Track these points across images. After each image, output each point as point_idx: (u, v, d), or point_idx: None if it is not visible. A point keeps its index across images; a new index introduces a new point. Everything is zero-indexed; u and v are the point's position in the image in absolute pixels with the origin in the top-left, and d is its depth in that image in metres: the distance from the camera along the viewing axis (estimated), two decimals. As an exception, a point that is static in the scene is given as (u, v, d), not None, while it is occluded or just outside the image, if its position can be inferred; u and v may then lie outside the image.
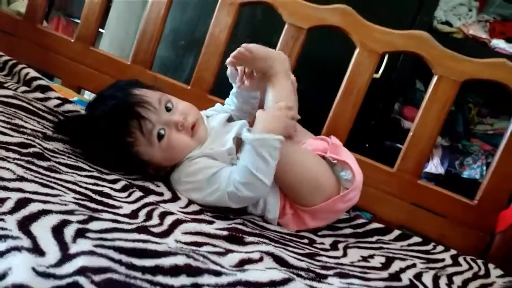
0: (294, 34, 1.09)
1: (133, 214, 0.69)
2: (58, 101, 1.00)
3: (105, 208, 0.67)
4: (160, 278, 0.53)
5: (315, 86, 1.27)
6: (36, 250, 0.49)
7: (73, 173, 0.75)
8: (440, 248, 0.98)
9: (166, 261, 0.56)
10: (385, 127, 1.61)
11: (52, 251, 0.50)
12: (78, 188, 0.70)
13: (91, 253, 0.51)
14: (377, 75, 1.53)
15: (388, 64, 1.50)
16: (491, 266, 0.94)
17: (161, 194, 0.82)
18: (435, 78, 1.00)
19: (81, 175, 0.76)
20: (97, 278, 0.47)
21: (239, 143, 0.85)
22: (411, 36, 1.02)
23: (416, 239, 0.99)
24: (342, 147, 0.91)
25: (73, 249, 0.51)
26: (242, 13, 1.18)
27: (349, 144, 1.08)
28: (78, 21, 1.30)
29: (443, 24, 1.71)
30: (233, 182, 0.78)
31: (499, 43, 1.68)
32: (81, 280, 0.45)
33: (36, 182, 0.64)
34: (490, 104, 1.77)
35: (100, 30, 1.65)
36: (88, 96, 1.45)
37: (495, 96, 1.71)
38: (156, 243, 0.61)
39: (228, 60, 0.87)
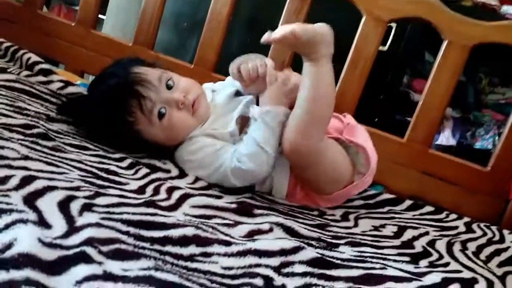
0: (298, 5, 1.06)
1: (140, 190, 0.68)
2: (61, 84, 1.00)
3: (112, 185, 0.66)
4: (169, 248, 0.53)
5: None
6: (42, 223, 0.48)
7: (78, 152, 0.75)
8: (453, 216, 0.96)
9: (175, 232, 0.55)
10: (394, 100, 1.58)
11: (59, 224, 0.49)
12: (83, 166, 0.69)
13: (98, 225, 0.51)
14: (385, 48, 1.50)
15: (395, 36, 1.47)
16: (505, 231, 0.93)
17: (168, 171, 0.81)
18: (444, 44, 0.98)
19: (86, 154, 0.75)
20: (105, 248, 0.47)
21: (243, 123, 0.84)
22: (419, 1, 0.99)
23: (428, 208, 0.97)
24: (357, 126, 0.89)
25: (80, 221, 0.51)
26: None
27: (359, 118, 1.06)
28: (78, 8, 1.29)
29: (451, -8, 1.66)
30: (237, 155, 0.77)
31: (509, 9, 1.63)
32: (88, 250, 0.45)
33: (40, 161, 0.64)
34: (501, 73, 1.73)
35: (101, 16, 1.64)
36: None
37: (506, 65, 1.67)
38: (164, 216, 0.60)
39: (268, 38, 0.76)
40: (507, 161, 0.97)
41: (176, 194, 0.69)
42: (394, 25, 1.42)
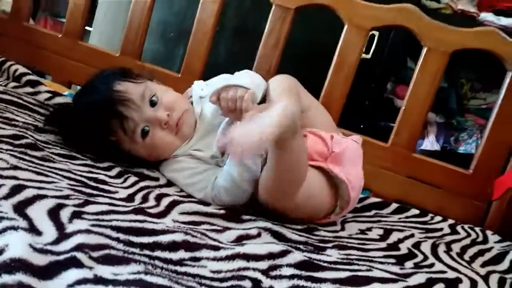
0: (282, 14, 1.08)
1: (129, 198, 0.69)
2: (49, 95, 1.00)
3: (101, 193, 0.67)
4: (158, 253, 0.54)
5: (306, 66, 1.27)
6: (33, 230, 0.49)
7: (66, 161, 0.75)
8: (438, 218, 0.99)
9: (164, 238, 0.56)
10: (379, 106, 1.61)
11: (49, 231, 0.50)
12: (72, 175, 0.70)
13: (87, 231, 0.52)
14: (368, 56, 1.53)
15: (378, 44, 1.50)
16: (489, 232, 0.95)
17: (156, 179, 0.82)
18: (424, 50, 1.01)
19: (75, 164, 0.76)
20: (95, 254, 0.48)
21: None
22: (398, 9, 1.02)
23: (414, 211, 0.99)
24: (347, 149, 0.81)
25: (70, 228, 0.52)
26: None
27: (344, 124, 1.09)
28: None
29: (431, 1, 1.71)
30: (216, 185, 0.76)
31: (487, 16, 1.69)
32: (79, 255, 0.46)
33: (30, 171, 0.64)
34: (482, 79, 1.78)
35: (88, 28, 1.65)
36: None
37: (487, 71, 1.71)
38: (154, 222, 0.61)
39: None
40: (488, 164, 1.00)
41: (164, 201, 0.70)
42: (376, 33, 1.45)
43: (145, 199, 0.70)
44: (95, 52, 1.24)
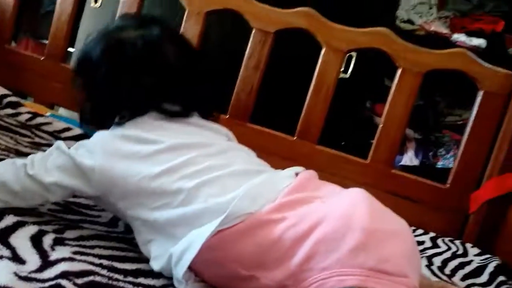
0: (262, 38, 1.11)
1: (112, 223, 0.69)
2: (29, 115, 1.00)
3: (83, 217, 0.68)
4: (142, 280, 0.55)
5: (287, 86, 1.30)
6: (16, 259, 0.50)
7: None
8: (419, 231, 1.01)
9: (147, 266, 0.57)
10: (359, 124, 1.65)
11: (33, 259, 0.51)
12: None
13: (71, 259, 0.52)
14: (347, 75, 1.58)
15: (356, 64, 1.55)
16: (468, 245, 0.98)
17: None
18: (399, 71, 1.05)
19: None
20: (80, 281, 0.48)
21: None
22: (373, 32, 1.06)
23: (395, 226, 1.02)
24: None
25: (53, 256, 0.52)
26: (211, 22, 1.20)
27: (325, 143, 1.12)
28: (47, 42, 1.30)
29: (406, 23, 1.78)
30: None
31: (459, 37, 1.76)
32: (64, 282, 0.46)
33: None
34: (457, 96, 1.84)
35: (70, 49, 1.65)
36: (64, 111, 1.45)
37: (461, 88, 1.78)
38: (136, 252, 0.61)
39: None
40: (464, 178, 1.03)
41: None
42: (354, 54, 1.50)
43: (128, 226, 0.70)
44: (77, 75, 1.24)
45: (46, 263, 0.50)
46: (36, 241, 0.54)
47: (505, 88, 1.02)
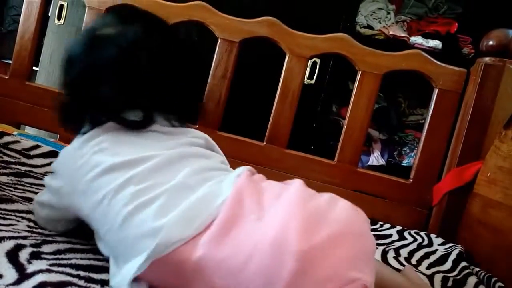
0: (228, 48, 1.15)
1: (89, 236, 0.69)
2: (-4, 135, 0.99)
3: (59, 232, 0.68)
4: (119, 288, 0.55)
5: (255, 93, 1.34)
6: (-8, 273, 0.50)
7: (25, 202, 0.75)
8: (387, 225, 1.06)
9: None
10: (326, 128, 1.71)
11: (9, 273, 0.51)
12: (32, 217, 0.70)
13: (48, 270, 0.53)
14: (312, 81, 1.63)
15: (320, 70, 1.61)
16: (433, 236, 1.03)
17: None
18: (359, 74, 1.10)
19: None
20: (58, 290, 0.49)
21: None
22: (333, 38, 1.12)
23: (364, 222, 1.06)
24: None
25: (30, 269, 0.53)
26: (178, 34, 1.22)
27: (294, 146, 1.15)
28: (10, 61, 1.29)
29: (365, 28, 1.85)
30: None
31: (417, 39, 1.85)
32: (42, 292, 0.47)
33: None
34: (417, 96, 1.93)
35: (34, 68, 1.64)
36: (30, 130, 1.43)
37: (421, 88, 1.87)
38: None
39: None
40: (425, 173, 1.09)
41: None
42: (318, 60, 1.56)
43: None
44: (44, 92, 1.24)
45: (23, 276, 0.50)
46: (12, 256, 0.54)
47: (458, 85, 1.09)
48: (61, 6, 1.37)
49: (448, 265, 0.89)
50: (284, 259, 0.47)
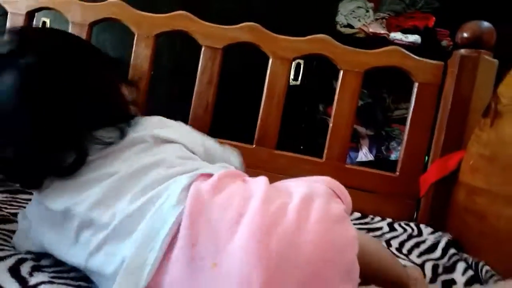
0: (212, 55, 1.17)
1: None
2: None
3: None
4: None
5: (242, 97, 1.36)
6: (-4, 289, 0.51)
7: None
8: (377, 218, 1.08)
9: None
10: (314, 127, 1.74)
11: (12, 287, 0.53)
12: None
13: (50, 282, 0.55)
14: (297, 82, 1.66)
15: (305, 71, 1.64)
16: (422, 226, 1.06)
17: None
18: (341, 73, 1.13)
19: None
20: (60, 299, 0.51)
21: None
22: (314, 40, 1.15)
23: (356, 214, 1.09)
24: None
25: (32, 281, 0.55)
26: (162, 43, 1.24)
27: (284, 147, 1.18)
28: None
29: (345, 27, 1.89)
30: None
31: (396, 35, 1.89)
32: (45, 302, 0.48)
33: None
34: (401, 91, 1.97)
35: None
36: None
37: (404, 83, 1.91)
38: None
39: None
40: (410, 165, 1.12)
41: None
42: (302, 61, 1.59)
43: None
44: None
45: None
46: (14, 271, 0.56)
47: (437, 77, 1.12)
48: (44, 23, 1.38)
49: (438, 253, 0.92)
50: None
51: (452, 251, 0.91)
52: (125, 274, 0.45)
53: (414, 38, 1.90)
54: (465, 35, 1.07)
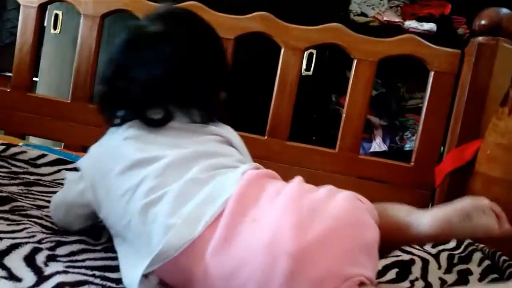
0: (223, 45, 1.16)
1: (97, 234, 0.71)
2: (3, 147, 1.01)
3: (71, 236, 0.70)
4: (134, 285, 0.58)
5: (254, 88, 1.35)
6: (12, 277, 0.53)
7: (36, 209, 0.77)
8: (391, 209, 1.07)
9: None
10: (327, 118, 1.72)
11: (28, 276, 0.54)
12: (44, 222, 0.72)
13: (65, 272, 0.55)
14: (310, 73, 1.64)
15: (317, 61, 1.62)
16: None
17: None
18: (354, 62, 1.11)
19: (45, 211, 0.77)
20: (76, 289, 0.51)
21: None
22: (326, 29, 1.13)
23: (369, 206, 1.08)
24: None
25: (47, 271, 0.55)
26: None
27: (297, 138, 1.17)
28: (8, 74, 1.31)
29: (359, 16, 1.86)
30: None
31: (411, 24, 1.86)
32: (61, 292, 0.49)
33: (1, 224, 0.66)
34: (416, 80, 1.93)
35: (34, 79, 1.66)
36: (35, 140, 1.46)
37: (418, 72, 1.88)
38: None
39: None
40: (425, 155, 1.10)
41: None
42: (314, 51, 1.57)
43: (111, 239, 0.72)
44: (46, 102, 1.26)
45: (42, 278, 0.53)
46: (29, 260, 0.57)
47: (453, 66, 1.10)
48: (56, 15, 1.39)
49: (453, 243, 0.90)
50: (276, 262, 0.47)
51: (467, 241, 0.89)
52: (183, 225, 0.52)
53: (430, 26, 1.86)
54: (483, 22, 1.05)
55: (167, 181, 0.57)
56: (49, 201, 0.82)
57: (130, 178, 0.58)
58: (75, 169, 0.79)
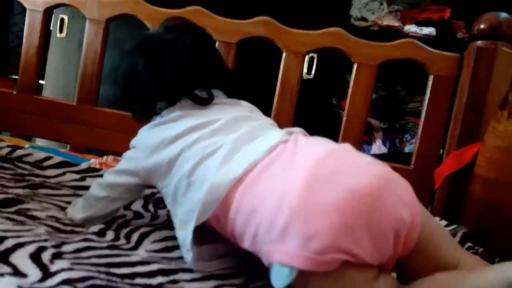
0: (225, 49, 1.18)
1: (102, 232, 0.73)
2: (9, 149, 1.03)
3: (75, 228, 0.72)
4: (138, 280, 0.59)
5: (255, 91, 1.36)
6: (18, 274, 0.53)
7: (41, 210, 0.78)
8: (390, 212, 1.08)
9: (141, 268, 0.62)
10: (328, 121, 1.73)
11: (34, 273, 0.55)
12: (49, 222, 0.73)
13: (70, 269, 0.57)
14: (311, 76, 1.66)
15: (318, 64, 1.63)
16: (437, 219, 1.05)
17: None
18: (355, 66, 1.13)
19: (50, 212, 0.78)
20: (81, 285, 0.52)
21: None
22: (327, 33, 1.15)
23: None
24: None
25: (53, 268, 0.56)
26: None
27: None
28: (15, 77, 1.33)
29: (359, 20, 1.88)
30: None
31: (410, 28, 1.87)
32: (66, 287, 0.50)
33: (6, 224, 0.68)
34: (415, 83, 1.95)
35: (41, 82, 1.68)
36: (41, 142, 1.47)
37: (418, 76, 1.89)
38: (128, 255, 0.66)
39: None
40: (425, 158, 1.11)
41: (134, 237, 0.73)
42: (315, 55, 1.58)
43: (116, 236, 0.73)
44: (52, 104, 1.28)
45: (47, 274, 0.54)
46: (35, 257, 0.58)
47: (452, 70, 1.11)
48: (62, 19, 1.41)
49: (453, 245, 0.91)
50: (280, 211, 0.54)
51: (468, 244, 0.90)
52: (225, 171, 0.61)
53: (429, 30, 1.88)
54: (482, 26, 1.06)
55: (220, 139, 0.66)
56: (55, 204, 0.84)
57: (183, 141, 0.67)
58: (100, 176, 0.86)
